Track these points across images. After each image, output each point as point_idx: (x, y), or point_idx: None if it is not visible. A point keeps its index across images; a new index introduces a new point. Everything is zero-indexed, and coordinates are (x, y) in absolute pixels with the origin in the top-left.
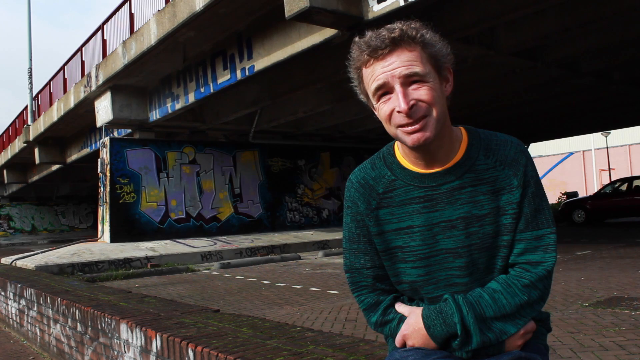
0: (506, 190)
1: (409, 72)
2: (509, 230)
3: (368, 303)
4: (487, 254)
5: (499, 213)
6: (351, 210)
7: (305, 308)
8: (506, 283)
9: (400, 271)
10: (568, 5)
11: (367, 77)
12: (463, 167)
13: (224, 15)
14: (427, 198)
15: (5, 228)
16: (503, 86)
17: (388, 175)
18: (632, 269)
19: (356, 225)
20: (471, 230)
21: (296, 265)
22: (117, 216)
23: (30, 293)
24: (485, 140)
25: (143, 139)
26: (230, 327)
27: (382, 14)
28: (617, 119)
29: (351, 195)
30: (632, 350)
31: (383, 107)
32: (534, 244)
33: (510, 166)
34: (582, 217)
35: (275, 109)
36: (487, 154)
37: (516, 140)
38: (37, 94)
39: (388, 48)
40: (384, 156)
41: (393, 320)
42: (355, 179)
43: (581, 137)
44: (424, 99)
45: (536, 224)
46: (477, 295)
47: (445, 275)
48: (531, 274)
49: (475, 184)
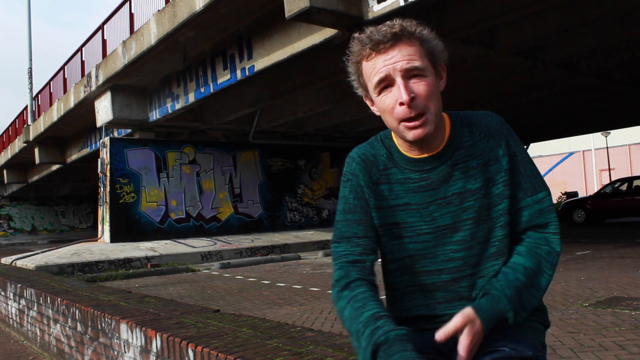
0: (493, 161)
1: (409, 66)
2: (502, 198)
3: (340, 275)
4: (485, 226)
5: (490, 184)
6: (351, 182)
7: (305, 308)
8: (533, 255)
9: (396, 247)
10: (568, 5)
11: (368, 70)
12: (452, 146)
13: (224, 15)
14: (423, 179)
15: (5, 228)
16: (503, 86)
17: (386, 154)
18: (632, 269)
19: (355, 196)
20: (466, 205)
21: (296, 265)
22: (117, 216)
23: (30, 293)
24: (465, 117)
25: (143, 139)
26: (230, 327)
27: (382, 14)
28: (617, 119)
29: (352, 168)
30: (632, 350)
31: (386, 99)
32: (536, 207)
33: (493, 137)
34: (582, 217)
35: (275, 109)
36: (471, 130)
37: (495, 114)
38: (37, 94)
39: (390, 42)
40: (381, 139)
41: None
42: (355, 155)
43: (581, 137)
44: (423, 94)
45: (533, 189)
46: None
47: (444, 251)
48: (546, 237)
49: (465, 160)
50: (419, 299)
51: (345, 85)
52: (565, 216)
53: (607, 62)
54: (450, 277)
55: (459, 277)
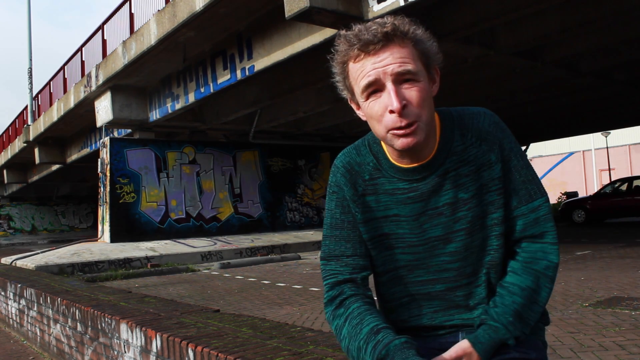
0: (486, 167)
1: (401, 69)
2: (497, 207)
3: (333, 294)
4: (479, 236)
5: (483, 191)
6: (337, 195)
7: (305, 308)
8: (529, 273)
9: (387, 259)
10: (568, 5)
11: (355, 73)
12: (442, 153)
13: (224, 15)
14: (412, 189)
15: (5, 228)
16: (503, 86)
17: (373, 162)
18: (632, 269)
19: (341, 211)
20: (459, 215)
21: (296, 265)
22: (117, 216)
23: (30, 293)
24: (457, 117)
25: (143, 139)
26: (230, 327)
27: (382, 14)
28: (617, 119)
29: (337, 180)
30: (632, 350)
31: (374, 105)
32: (532, 216)
33: (485, 141)
34: (582, 217)
35: (275, 109)
36: (463, 132)
37: (489, 112)
38: (37, 94)
39: (381, 43)
40: (369, 143)
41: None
42: (340, 164)
43: (581, 137)
44: (415, 101)
45: (529, 196)
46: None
47: (436, 262)
48: (543, 247)
49: (457, 167)
50: (415, 309)
51: None
52: (565, 216)
53: (607, 62)
54: (445, 286)
55: (455, 286)
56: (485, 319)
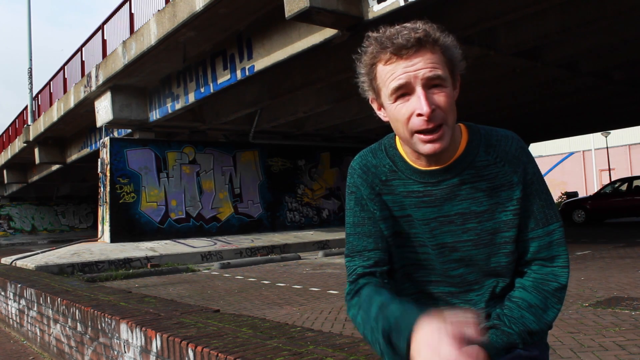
0: (506, 187)
1: (432, 74)
2: (510, 226)
3: (350, 288)
4: (485, 251)
5: (498, 209)
6: (355, 195)
7: (305, 308)
8: (539, 292)
9: (400, 255)
10: (568, 5)
11: (385, 75)
12: (463, 163)
13: (224, 15)
14: (426, 193)
15: (5, 228)
16: (503, 86)
17: (389, 164)
18: (632, 269)
19: (361, 209)
20: (468, 226)
21: (296, 265)
22: (117, 216)
23: (30, 293)
24: (485, 135)
25: (143, 139)
26: (230, 327)
27: (382, 14)
28: (617, 119)
29: (354, 181)
30: (632, 350)
31: (401, 108)
32: (547, 239)
33: (510, 163)
34: (582, 217)
35: (275, 109)
36: (488, 150)
37: (517, 137)
38: (37, 94)
39: (414, 48)
40: (385, 147)
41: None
42: (357, 166)
43: (581, 137)
44: (443, 106)
45: (546, 220)
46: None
47: (442, 267)
48: (554, 271)
49: (474, 181)
50: (425, 304)
51: (345, 85)
52: (565, 216)
53: (607, 62)
54: (448, 290)
55: (457, 292)
56: (499, 325)
